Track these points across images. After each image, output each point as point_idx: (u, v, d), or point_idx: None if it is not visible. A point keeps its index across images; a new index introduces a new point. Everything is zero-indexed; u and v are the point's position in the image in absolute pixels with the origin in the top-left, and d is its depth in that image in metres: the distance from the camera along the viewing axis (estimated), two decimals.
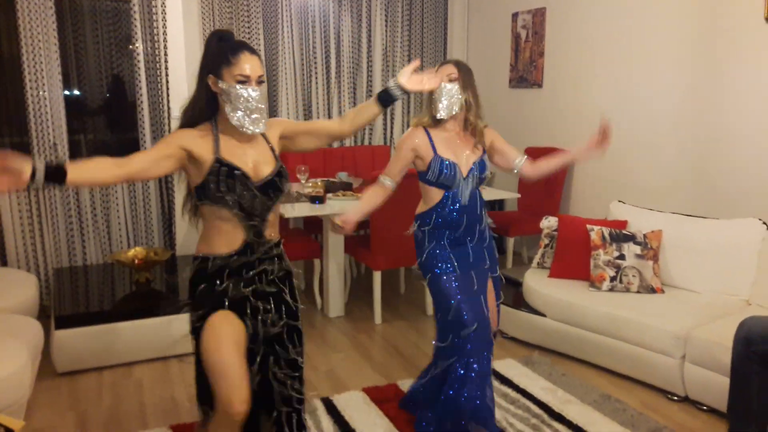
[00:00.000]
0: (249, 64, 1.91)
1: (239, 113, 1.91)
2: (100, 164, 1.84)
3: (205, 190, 1.94)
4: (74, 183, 1.79)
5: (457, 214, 2.61)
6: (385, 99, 2.11)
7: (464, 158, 2.61)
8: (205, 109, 1.98)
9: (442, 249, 2.63)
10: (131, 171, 1.87)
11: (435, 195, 2.61)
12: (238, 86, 1.89)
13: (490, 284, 2.72)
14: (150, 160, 1.90)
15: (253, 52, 1.94)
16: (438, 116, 2.56)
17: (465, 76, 2.58)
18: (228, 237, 2.00)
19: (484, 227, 2.71)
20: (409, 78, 2.11)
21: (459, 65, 2.59)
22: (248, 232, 2.00)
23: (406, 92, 2.13)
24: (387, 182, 2.64)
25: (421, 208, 2.69)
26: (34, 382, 2.96)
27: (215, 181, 1.92)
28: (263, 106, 1.95)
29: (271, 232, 2.09)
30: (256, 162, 2.00)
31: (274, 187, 2.01)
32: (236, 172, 1.94)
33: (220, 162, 1.93)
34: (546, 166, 2.73)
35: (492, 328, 2.65)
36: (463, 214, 2.61)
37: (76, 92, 4.53)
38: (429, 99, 2.60)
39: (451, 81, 2.55)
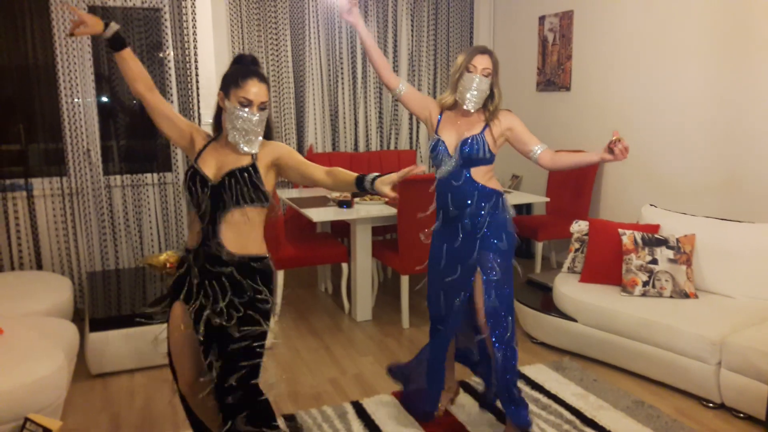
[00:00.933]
0: (255, 89, 2.07)
1: (235, 132, 2.08)
2: (144, 72, 2.19)
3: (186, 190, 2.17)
4: (124, 58, 2.14)
5: (441, 191, 2.69)
6: (361, 187, 2.19)
7: (455, 136, 2.64)
8: (216, 121, 2.20)
9: (437, 233, 2.76)
10: (154, 100, 2.18)
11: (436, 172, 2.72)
12: (239, 107, 2.05)
13: (478, 280, 2.64)
14: (169, 112, 2.20)
15: (262, 79, 2.11)
16: (465, 106, 2.59)
17: (495, 69, 2.62)
18: (193, 233, 2.17)
19: (477, 214, 2.63)
20: (384, 182, 2.09)
21: (493, 57, 2.61)
22: (200, 233, 2.13)
23: (374, 192, 2.13)
24: (402, 85, 2.75)
25: None
26: (70, 384, 3.01)
27: (185, 180, 2.15)
28: (259, 130, 2.10)
29: (235, 244, 2.11)
30: (222, 166, 2.11)
31: (225, 187, 2.08)
32: (197, 175, 2.11)
33: (192, 167, 2.14)
34: (565, 160, 2.71)
35: (482, 321, 2.62)
36: (447, 192, 2.65)
37: (109, 99, 4.60)
38: (457, 84, 2.61)
39: (484, 75, 2.57)
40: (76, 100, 4.28)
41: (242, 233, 2.12)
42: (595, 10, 4.85)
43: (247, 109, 2.05)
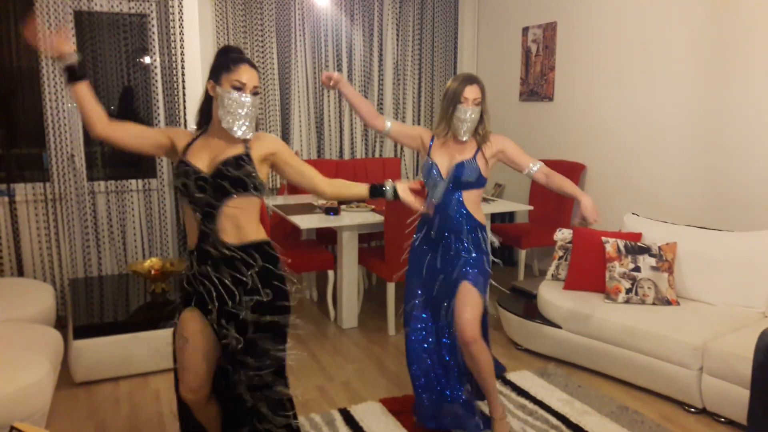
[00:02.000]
0: (246, 74, 2.07)
1: (229, 117, 2.06)
2: (99, 109, 2.05)
3: (176, 187, 2.13)
4: (83, 92, 2.01)
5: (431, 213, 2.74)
6: (375, 193, 2.28)
7: (448, 160, 2.72)
8: (203, 114, 2.18)
9: (416, 247, 2.83)
10: (117, 135, 2.08)
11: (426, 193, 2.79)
12: (233, 91, 2.05)
13: (464, 290, 2.69)
14: (135, 131, 2.12)
15: (253, 66, 2.11)
16: (461, 138, 2.67)
17: (484, 96, 2.70)
18: (192, 232, 2.15)
19: (461, 240, 2.73)
20: (406, 191, 2.28)
21: (480, 85, 2.68)
22: (200, 228, 2.11)
23: (395, 197, 2.29)
24: (388, 122, 2.84)
25: None
26: (54, 392, 2.97)
27: (176, 176, 2.10)
28: (253, 114, 2.10)
29: (234, 235, 2.11)
30: (214, 157, 2.10)
31: (221, 177, 2.06)
32: (188, 167, 2.08)
33: (182, 161, 2.11)
34: (558, 182, 2.79)
35: (464, 335, 2.66)
36: (435, 213, 2.72)
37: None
38: (451, 118, 2.67)
39: (476, 105, 2.64)
40: (60, 105, 4.24)
41: (239, 223, 2.11)
42: (578, 22, 4.94)
43: (240, 92, 2.05)
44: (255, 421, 2.13)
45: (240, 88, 2.05)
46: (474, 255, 2.74)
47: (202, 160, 2.10)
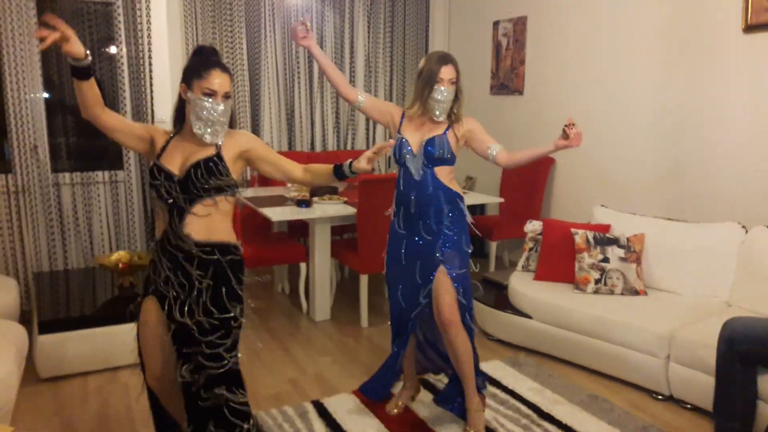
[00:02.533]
0: (218, 80, 2.06)
1: (200, 123, 2.07)
2: (99, 96, 2.08)
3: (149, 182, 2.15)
4: (87, 87, 2.02)
5: (404, 189, 2.72)
6: (340, 174, 2.29)
7: (419, 136, 2.71)
8: (178, 114, 2.18)
9: (396, 230, 2.80)
10: (107, 119, 2.11)
11: (398, 171, 2.76)
12: (204, 98, 2.05)
13: (440, 275, 2.69)
14: (122, 124, 2.15)
15: (224, 70, 2.10)
16: (437, 119, 2.64)
17: (458, 75, 2.69)
18: (159, 223, 2.18)
19: (441, 214, 2.70)
20: (359, 161, 2.24)
21: (455, 65, 2.67)
22: (168, 220, 2.13)
23: (354, 174, 2.29)
24: (361, 96, 2.81)
25: None
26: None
27: (150, 175, 2.13)
28: (225, 120, 2.10)
29: (202, 233, 2.12)
30: (186, 159, 2.11)
31: (191, 179, 2.08)
32: (161, 171, 2.11)
33: (155, 163, 2.13)
34: (521, 156, 2.79)
35: (441, 316, 2.67)
36: (411, 190, 2.70)
37: (58, 95, 4.45)
38: (427, 98, 2.64)
39: (451, 84, 2.63)
40: (22, 95, 4.12)
41: (210, 223, 2.12)
42: (547, 17, 4.98)
43: (211, 99, 2.05)
44: (210, 424, 2.11)
45: (211, 95, 2.05)
46: (455, 232, 2.71)
47: (175, 161, 2.11)
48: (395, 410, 2.97)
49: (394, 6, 5.78)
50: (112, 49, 4.48)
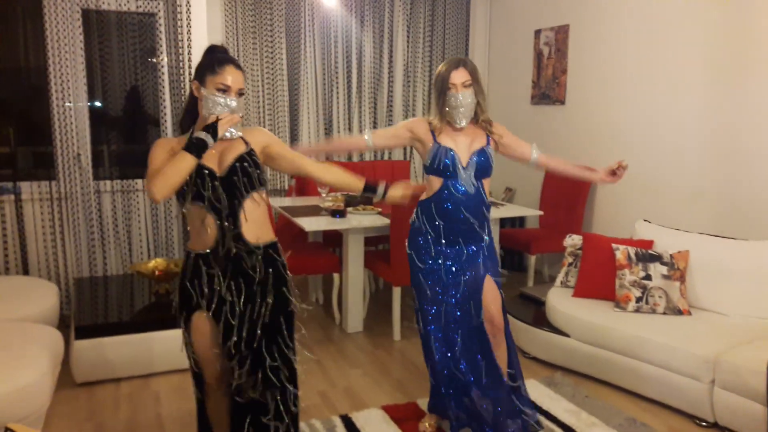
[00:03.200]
0: (231, 76, 2.03)
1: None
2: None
3: (182, 190, 2.02)
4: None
5: (453, 204, 2.60)
6: (367, 190, 2.28)
7: (464, 147, 2.61)
8: (188, 115, 2.14)
9: (431, 252, 2.66)
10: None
11: (435, 183, 2.63)
12: (217, 94, 2.01)
13: (488, 283, 2.66)
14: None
15: (238, 67, 2.07)
16: (459, 125, 2.57)
17: (475, 77, 2.59)
18: (204, 234, 2.08)
19: (484, 225, 2.67)
20: (396, 190, 2.30)
21: (468, 67, 2.58)
22: (219, 230, 2.06)
23: (383, 197, 2.31)
24: (366, 136, 2.70)
25: (422, 197, 2.68)
26: (53, 392, 2.94)
27: (195, 182, 2.02)
28: (239, 116, 2.06)
29: (253, 234, 2.10)
30: (221, 156, 2.08)
31: (237, 175, 2.04)
32: (204, 171, 2.02)
33: (199, 165, 2.01)
34: (559, 165, 2.76)
35: (495, 320, 2.64)
36: (459, 205, 2.60)
37: (100, 104, 4.56)
38: (442, 104, 2.58)
39: (465, 87, 2.54)
40: (67, 104, 4.23)
41: (256, 221, 2.10)
42: (590, 25, 4.86)
43: (225, 95, 2.02)
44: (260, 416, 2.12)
45: (225, 90, 2.02)
46: (491, 239, 2.72)
47: (210, 160, 2.06)
48: (428, 428, 2.90)
49: (434, 15, 5.74)
50: (154, 59, 4.56)
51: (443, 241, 2.66)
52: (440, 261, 2.68)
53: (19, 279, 3.98)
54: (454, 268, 2.67)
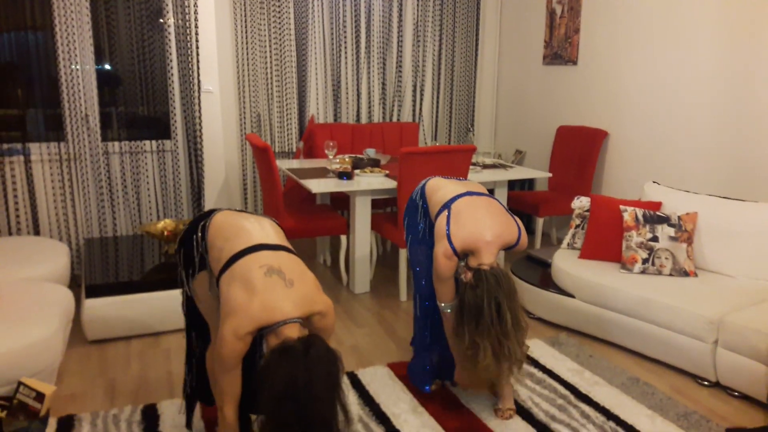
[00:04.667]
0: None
1: None
2: None
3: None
4: None
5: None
6: None
7: None
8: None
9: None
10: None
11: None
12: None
13: None
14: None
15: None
16: None
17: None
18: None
19: None
20: None
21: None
22: None
23: None
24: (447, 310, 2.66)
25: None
26: (65, 349, 3.01)
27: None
28: None
29: None
30: None
31: None
32: None
33: None
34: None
35: None
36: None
37: (108, 65, 4.55)
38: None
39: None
40: (74, 66, 4.22)
41: None
42: None
43: None
44: None
45: None
46: None
47: None
48: (433, 387, 2.95)
49: None
50: (161, 20, 4.53)
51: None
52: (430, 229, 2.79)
53: (31, 239, 4.03)
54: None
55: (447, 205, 2.59)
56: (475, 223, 2.49)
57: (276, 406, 1.76)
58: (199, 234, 2.21)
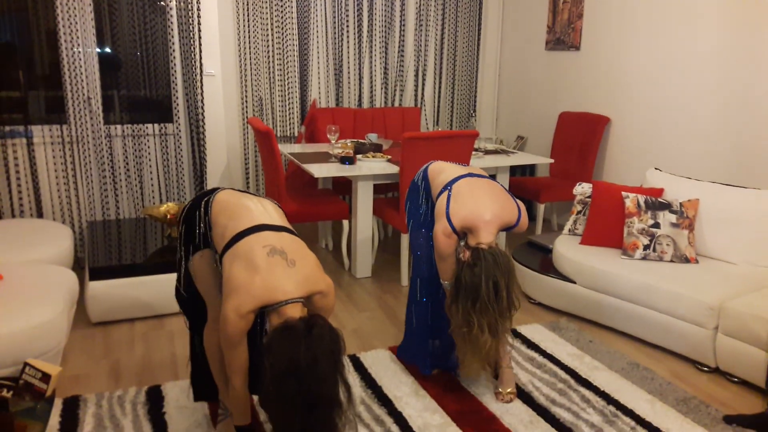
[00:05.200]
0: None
1: None
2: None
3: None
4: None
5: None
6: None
7: None
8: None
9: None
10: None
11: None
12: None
13: None
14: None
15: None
16: None
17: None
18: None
19: None
20: None
21: None
22: None
23: None
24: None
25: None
26: (70, 331, 3.03)
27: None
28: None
29: None
30: None
31: None
32: None
33: None
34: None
35: None
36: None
37: (109, 48, 4.53)
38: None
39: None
40: (76, 48, 4.21)
41: None
42: None
43: None
44: None
45: None
46: None
47: None
48: (432, 372, 2.97)
49: None
50: (162, 2, 4.50)
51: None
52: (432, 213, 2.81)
53: (34, 221, 4.04)
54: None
55: (448, 186, 2.60)
56: (475, 202, 2.50)
57: (278, 383, 1.77)
58: (202, 210, 2.23)
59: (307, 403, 1.76)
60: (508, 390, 2.75)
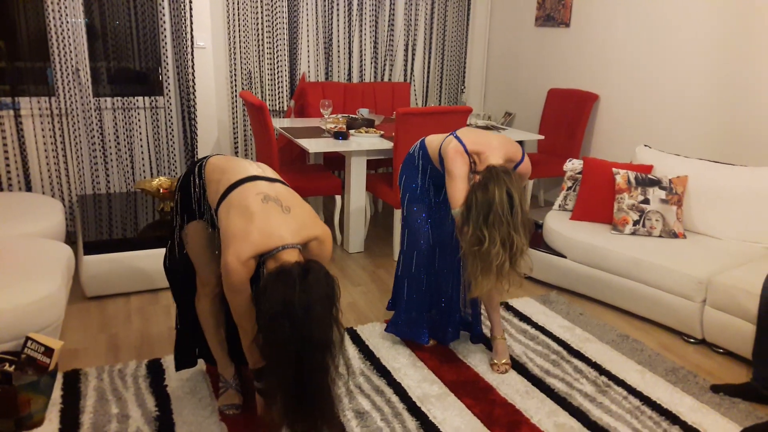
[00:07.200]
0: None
1: None
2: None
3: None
4: None
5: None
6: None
7: None
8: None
9: (423, 211, 2.92)
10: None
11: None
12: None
13: None
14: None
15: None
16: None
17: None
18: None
19: None
20: None
21: None
22: None
23: None
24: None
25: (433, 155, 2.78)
26: (66, 306, 3.03)
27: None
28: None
29: None
30: None
31: None
32: None
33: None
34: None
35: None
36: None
37: (98, 19, 4.44)
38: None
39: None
40: (63, 19, 4.12)
41: None
42: None
43: None
44: None
45: None
46: None
47: None
48: (431, 342, 3.03)
49: None
50: None
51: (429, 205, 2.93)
52: (428, 187, 2.91)
53: (23, 195, 3.99)
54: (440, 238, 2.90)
55: (452, 133, 2.72)
56: (482, 134, 2.67)
57: (272, 325, 1.78)
58: (196, 174, 2.24)
59: (301, 343, 1.77)
60: (503, 361, 2.83)
